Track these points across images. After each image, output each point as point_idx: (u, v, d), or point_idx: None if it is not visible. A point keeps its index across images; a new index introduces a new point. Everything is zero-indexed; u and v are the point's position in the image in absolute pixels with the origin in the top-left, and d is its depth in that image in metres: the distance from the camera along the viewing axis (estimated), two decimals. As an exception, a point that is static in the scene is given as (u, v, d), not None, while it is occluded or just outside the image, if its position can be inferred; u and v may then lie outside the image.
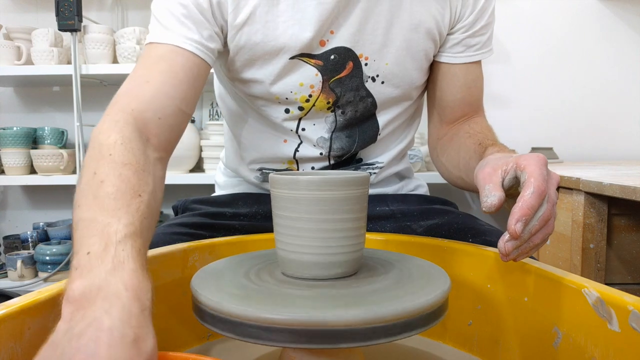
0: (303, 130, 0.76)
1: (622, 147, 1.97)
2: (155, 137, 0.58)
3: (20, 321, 0.39)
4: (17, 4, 2.03)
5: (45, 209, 2.11)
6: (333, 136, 0.77)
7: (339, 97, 0.73)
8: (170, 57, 0.62)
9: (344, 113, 0.75)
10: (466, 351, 0.58)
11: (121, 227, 0.40)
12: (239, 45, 0.68)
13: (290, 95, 0.72)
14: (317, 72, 0.70)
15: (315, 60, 0.70)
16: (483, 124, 0.77)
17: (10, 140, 1.78)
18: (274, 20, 0.67)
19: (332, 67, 0.70)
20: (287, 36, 0.67)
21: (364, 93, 0.74)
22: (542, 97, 1.97)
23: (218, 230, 0.75)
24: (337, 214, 0.43)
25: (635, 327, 0.38)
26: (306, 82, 0.71)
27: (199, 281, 0.44)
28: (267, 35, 0.67)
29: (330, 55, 0.70)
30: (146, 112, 0.58)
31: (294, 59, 0.69)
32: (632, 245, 1.09)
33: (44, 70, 1.73)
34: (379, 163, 0.83)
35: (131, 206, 0.43)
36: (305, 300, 0.40)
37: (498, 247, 0.46)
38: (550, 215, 0.46)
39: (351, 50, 0.70)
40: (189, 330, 0.58)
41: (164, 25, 0.64)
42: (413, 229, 0.75)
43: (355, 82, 0.73)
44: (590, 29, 1.94)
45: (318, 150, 0.77)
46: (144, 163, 0.50)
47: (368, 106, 0.76)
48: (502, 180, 0.49)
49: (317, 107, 0.73)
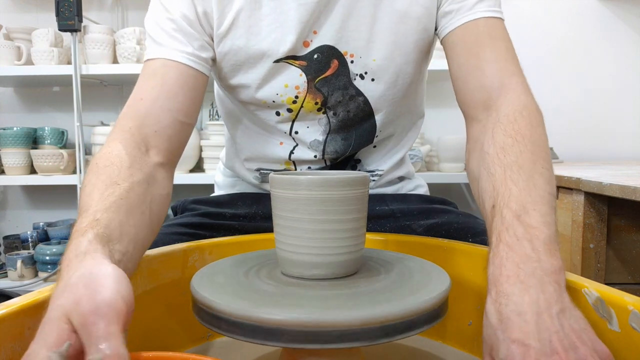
0: (296, 133, 0.75)
1: (622, 147, 1.97)
2: (155, 148, 0.59)
3: (20, 321, 0.39)
4: (17, 4, 2.03)
5: (45, 209, 2.11)
6: (328, 138, 0.76)
7: (327, 97, 0.72)
8: (164, 71, 0.63)
9: (335, 114, 0.74)
10: (466, 351, 0.58)
11: (84, 224, 0.43)
12: (224, 51, 0.68)
13: (276, 98, 0.71)
14: (301, 72, 0.69)
15: (299, 62, 0.69)
16: (498, 137, 0.54)
17: (10, 140, 1.78)
18: (257, 24, 0.67)
19: (316, 67, 0.69)
20: (270, 40, 0.67)
21: (353, 92, 0.72)
22: (542, 97, 1.96)
23: (218, 230, 0.75)
24: (337, 214, 0.43)
25: (635, 327, 0.38)
26: (291, 83, 0.70)
27: (198, 281, 0.44)
28: (249, 40, 0.67)
29: (314, 54, 0.69)
30: (143, 127, 0.59)
31: (279, 62, 0.68)
32: (632, 245, 1.09)
33: (44, 70, 1.73)
34: (379, 171, 0.82)
35: (103, 195, 0.46)
36: (305, 300, 0.40)
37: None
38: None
39: (334, 48, 0.69)
40: (189, 330, 0.58)
41: (156, 41, 0.65)
42: (413, 228, 0.75)
43: (342, 80, 0.71)
44: (590, 29, 1.95)
45: (312, 152, 0.77)
46: (131, 162, 0.52)
47: (360, 106, 0.73)
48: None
49: (305, 108, 0.72)
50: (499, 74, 0.61)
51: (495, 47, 0.63)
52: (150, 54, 0.65)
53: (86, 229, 0.42)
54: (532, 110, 0.57)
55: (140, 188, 0.50)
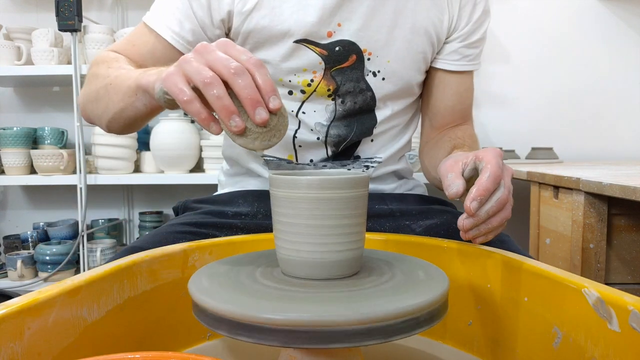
0: (303, 114, 0.79)
1: (622, 147, 1.97)
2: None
3: (20, 321, 0.39)
4: (17, 4, 2.03)
5: (45, 209, 2.11)
6: (331, 125, 0.80)
7: (339, 86, 0.77)
8: (154, 46, 0.76)
9: (343, 102, 0.78)
10: (466, 351, 0.58)
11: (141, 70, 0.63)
12: (248, 29, 0.74)
13: (293, 78, 0.76)
14: (321, 60, 0.75)
15: (320, 50, 0.74)
16: (467, 131, 0.84)
17: (10, 140, 1.79)
18: (281, 6, 0.72)
19: (335, 58, 0.75)
20: (292, 20, 0.72)
21: (363, 86, 0.78)
22: (542, 96, 1.97)
23: (220, 228, 0.75)
24: (337, 214, 0.43)
25: (635, 327, 0.38)
26: (309, 67, 0.76)
27: (198, 281, 0.44)
28: (273, 20, 0.72)
29: (336, 46, 0.75)
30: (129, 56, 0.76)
31: (299, 43, 0.74)
32: (632, 245, 1.09)
33: (44, 70, 1.73)
34: (377, 158, 0.84)
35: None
36: (305, 300, 0.40)
37: (457, 224, 0.53)
38: (507, 200, 0.52)
39: (355, 44, 0.75)
40: (189, 330, 0.58)
41: (159, 9, 0.75)
42: (412, 228, 0.76)
43: (356, 74, 0.77)
44: (589, 29, 1.94)
45: (315, 135, 0.80)
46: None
47: (367, 100, 0.79)
48: (462, 170, 0.55)
49: (318, 92, 0.78)
50: (467, 112, 0.88)
51: (472, 94, 0.88)
52: (150, 19, 0.75)
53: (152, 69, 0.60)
54: (475, 138, 0.86)
55: None
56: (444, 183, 0.55)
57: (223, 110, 0.46)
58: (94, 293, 0.46)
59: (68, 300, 0.43)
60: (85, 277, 0.46)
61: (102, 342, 0.47)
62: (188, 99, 0.47)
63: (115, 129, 0.73)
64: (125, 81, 0.63)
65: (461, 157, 0.57)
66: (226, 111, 0.46)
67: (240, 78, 0.45)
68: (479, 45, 0.83)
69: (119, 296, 0.50)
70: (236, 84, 0.45)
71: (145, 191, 2.11)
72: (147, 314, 0.54)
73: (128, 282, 0.51)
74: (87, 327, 0.45)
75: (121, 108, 0.65)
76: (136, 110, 0.63)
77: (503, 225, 0.54)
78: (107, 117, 0.70)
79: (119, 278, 0.50)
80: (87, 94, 0.74)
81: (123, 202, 2.11)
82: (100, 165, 1.78)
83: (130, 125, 0.70)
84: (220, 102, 0.45)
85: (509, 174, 0.54)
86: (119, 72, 0.67)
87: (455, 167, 0.55)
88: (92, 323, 0.46)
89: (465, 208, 0.50)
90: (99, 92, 0.70)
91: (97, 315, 0.47)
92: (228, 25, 0.75)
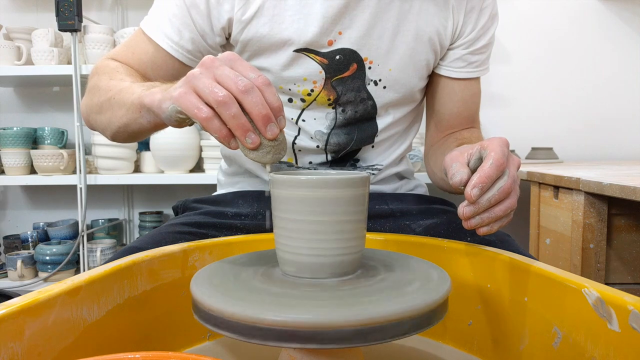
0: (303, 122, 0.78)
1: (622, 147, 1.97)
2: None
3: (20, 321, 0.39)
4: (17, 4, 2.03)
5: (45, 209, 2.11)
6: (332, 132, 0.79)
7: (340, 96, 0.76)
8: (154, 55, 0.75)
9: (344, 111, 0.77)
10: (466, 351, 0.58)
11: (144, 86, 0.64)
12: (247, 37, 0.72)
13: (293, 87, 0.75)
14: (322, 69, 0.74)
15: (320, 58, 0.73)
16: (474, 133, 0.82)
17: (10, 141, 1.78)
18: (281, 14, 0.71)
19: (336, 67, 0.74)
20: (293, 29, 0.71)
21: (364, 95, 0.76)
22: (542, 97, 1.97)
23: (220, 229, 0.75)
24: (337, 214, 0.43)
25: (635, 327, 0.38)
26: (310, 77, 0.74)
27: (198, 281, 0.44)
28: (273, 28, 0.71)
29: (336, 55, 0.73)
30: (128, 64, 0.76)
31: (299, 52, 0.72)
32: (632, 245, 1.09)
33: (44, 70, 1.73)
34: (378, 165, 0.84)
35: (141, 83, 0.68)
36: (305, 300, 0.40)
37: (458, 212, 0.50)
38: (511, 189, 0.50)
39: (356, 53, 0.73)
40: (189, 330, 0.58)
41: (156, 16, 0.74)
42: (412, 228, 0.76)
43: (357, 83, 0.75)
44: (590, 29, 1.95)
45: (315, 142, 0.79)
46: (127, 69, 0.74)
47: (368, 109, 0.78)
48: (468, 161, 0.53)
49: (318, 101, 0.77)
50: (474, 117, 0.86)
51: (478, 99, 0.85)
52: (148, 28, 0.74)
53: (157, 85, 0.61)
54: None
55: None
56: (449, 173, 0.53)
57: (239, 129, 0.46)
58: (94, 293, 0.46)
59: (68, 300, 0.43)
60: (85, 277, 0.46)
61: (102, 342, 0.47)
62: (208, 117, 0.47)
63: (120, 140, 0.73)
64: (128, 97, 0.62)
65: (466, 148, 0.56)
66: (242, 129, 0.46)
67: (250, 95, 0.46)
68: (485, 50, 0.80)
69: (119, 296, 0.50)
70: (247, 101, 0.46)
71: (145, 191, 2.11)
72: (147, 314, 0.54)
73: (128, 282, 0.51)
74: (87, 327, 0.45)
75: (125, 123, 0.64)
76: (140, 126, 0.62)
77: (509, 216, 0.51)
78: (112, 130, 0.70)
79: (119, 278, 0.50)
80: (90, 106, 0.73)
81: (123, 202, 2.11)
82: (100, 165, 1.78)
83: (135, 137, 0.70)
84: (236, 120, 0.46)
85: (515, 164, 0.52)
86: (122, 86, 0.66)
87: (460, 157, 0.54)
88: (92, 323, 0.46)
89: (466, 195, 0.48)
90: (102, 106, 0.69)
91: (97, 315, 0.47)
92: (228, 32, 0.74)
